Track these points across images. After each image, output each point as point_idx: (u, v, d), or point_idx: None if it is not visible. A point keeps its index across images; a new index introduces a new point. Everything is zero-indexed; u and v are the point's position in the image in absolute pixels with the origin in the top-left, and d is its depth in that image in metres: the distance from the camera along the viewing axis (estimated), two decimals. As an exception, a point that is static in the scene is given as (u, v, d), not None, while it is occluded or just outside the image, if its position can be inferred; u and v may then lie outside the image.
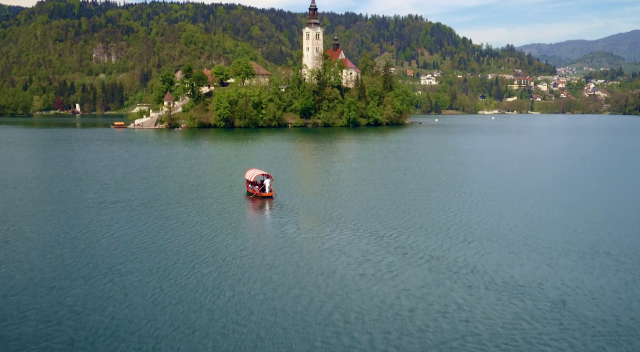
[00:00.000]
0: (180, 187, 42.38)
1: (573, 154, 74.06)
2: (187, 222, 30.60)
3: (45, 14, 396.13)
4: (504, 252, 25.10)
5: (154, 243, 26.46)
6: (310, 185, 44.85)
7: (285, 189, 41.59)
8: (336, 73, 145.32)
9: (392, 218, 31.77)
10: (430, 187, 42.53)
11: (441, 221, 31.21)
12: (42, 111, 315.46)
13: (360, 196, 39.09)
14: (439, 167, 55.80)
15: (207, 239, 27.16)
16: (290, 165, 57.82)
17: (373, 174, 50.57)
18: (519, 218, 31.96)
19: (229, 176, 49.16)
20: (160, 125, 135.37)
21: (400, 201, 37.00)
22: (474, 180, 46.90)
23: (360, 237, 27.54)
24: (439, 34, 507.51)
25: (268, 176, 39.53)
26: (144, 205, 35.51)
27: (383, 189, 41.98)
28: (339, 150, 77.38)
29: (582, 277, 21.63)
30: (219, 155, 68.61)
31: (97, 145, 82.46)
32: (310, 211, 33.99)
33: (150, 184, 43.86)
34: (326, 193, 40.22)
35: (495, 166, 57.81)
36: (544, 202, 37.07)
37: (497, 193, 40.09)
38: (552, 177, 49.86)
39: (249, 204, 36.79)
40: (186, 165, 56.80)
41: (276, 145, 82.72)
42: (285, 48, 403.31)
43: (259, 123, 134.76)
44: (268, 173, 40.55)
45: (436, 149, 79.40)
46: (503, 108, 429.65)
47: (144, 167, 54.98)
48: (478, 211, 34.02)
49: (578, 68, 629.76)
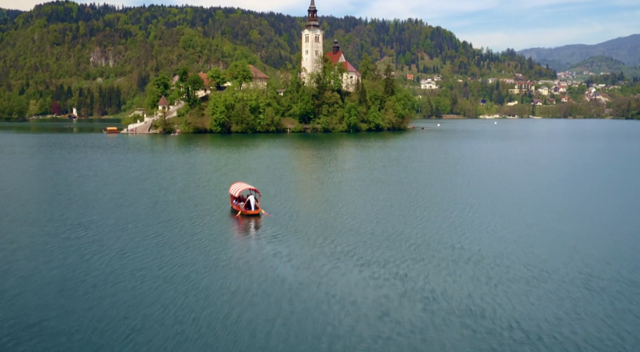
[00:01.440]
0: (154, 205, 37.23)
1: (590, 165, 69.57)
2: (151, 252, 25.49)
3: (43, 17, 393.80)
4: (533, 298, 20.63)
5: (107, 282, 21.98)
6: (303, 200, 39.95)
7: (275, 205, 36.92)
8: (336, 77, 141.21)
9: (394, 243, 27.14)
10: (437, 205, 37.57)
11: (448, 248, 26.65)
12: (39, 115, 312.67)
13: (358, 214, 34.32)
14: (445, 179, 50.87)
15: (172, 276, 22.33)
16: (284, 176, 52.72)
17: (374, 187, 45.68)
18: (545, 254, 27.47)
19: (214, 189, 44.06)
20: (155, 130, 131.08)
21: (403, 222, 32.15)
22: (487, 196, 42.10)
23: (358, 269, 23.02)
24: (439, 38, 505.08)
25: (255, 190, 35.22)
26: (106, 227, 30.53)
27: (385, 206, 37.14)
28: (338, 158, 72.77)
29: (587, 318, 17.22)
30: (207, 164, 63.72)
31: (81, 153, 77.63)
32: (302, 233, 29.29)
33: (120, 201, 38.65)
34: (321, 211, 35.41)
35: (510, 180, 53.10)
36: (568, 233, 32.56)
37: (517, 218, 35.00)
38: (575, 195, 45.39)
39: (232, 224, 32.05)
40: (168, 177, 51.67)
41: (271, 153, 78.12)
42: (284, 52, 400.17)
43: (256, 128, 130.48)
44: (255, 187, 36.08)
45: (441, 157, 74.55)
46: (504, 112, 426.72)
47: (120, 179, 49.94)
48: (492, 238, 29.41)
49: (578, 72, 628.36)
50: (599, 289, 20.85)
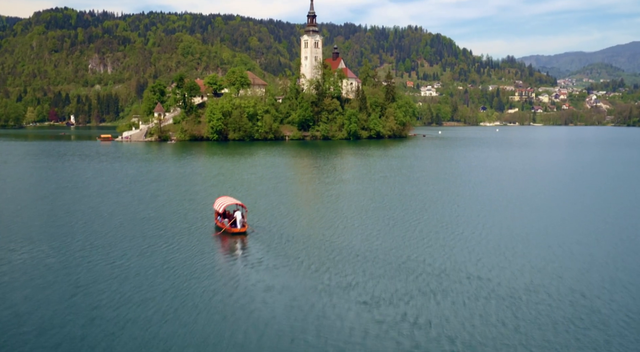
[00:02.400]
0: (128, 223, 33.31)
1: (600, 175, 66.08)
2: (111, 285, 21.77)
3: (42, 24, 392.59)
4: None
5: (68, 313, 18.35)
6: (297, 216, 35.72)
7: (266, 222, 33.30)
8: (336, 83, 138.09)
9: (399, 272, 23.50)
10: (445, 223, 33.76)
11: (464, 279, 23.00)
12: (36, 122, 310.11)
13: (358, 234, 30.53)
14: (451, 192, 46.97)
15: (132, 319, 18.95)
16: (277, 188, 48.26)
17: (374, 201, 41.77)
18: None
19: (199, 203, 40.09)
20: (150, 138, 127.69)
21: (408, 244, 28.45)
22: (499, 212, 38.40)
23: (358, 309, 19.45)
24: (438, 45, 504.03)
25: (242, 206, 31.69)
26: (69, 251, 26.89)
27: (386, 224, 33.34)
28: (337, 168, 69.03)
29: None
30: (197, 174, 59.86)
31: (67, 162, 73.87)
32: (294, 257, 25.70)
33: (92, 217, 34.67)
34: (317, 229, 31.68)
35: (523, 193, 49.31)
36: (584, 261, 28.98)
37: (539, 240, 31.46)
38: (602, 213, 41.80)
39: (215, 243, 28.52)
40: (152, 189, 47.73)
41: (266, 162, 74.39)
42: (283, 59, 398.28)
43: (254, 136, 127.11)
44: (241, 202, 32.46)
45: (445, 167, 70.74)
46: (505, 120, 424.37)
47: (100, 192, 46.08)
48: (516, 266, 25.72)
49: (578, 80, 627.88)
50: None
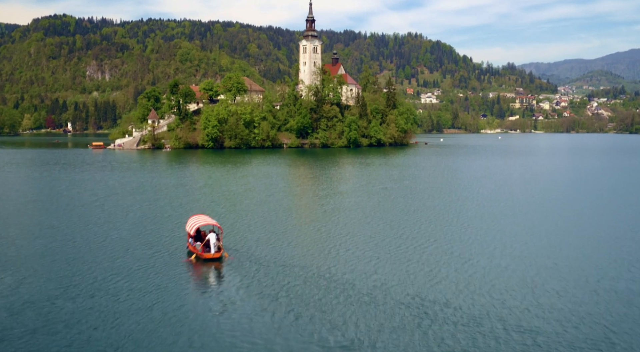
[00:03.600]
0: (91, 243, 29.01)
1: (620, 186, 62.10)
2: (59, 330, 17.82)
3: (41, 31, 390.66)
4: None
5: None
6: (284, 238, 30.93)
7: (246, 244, 28.77)
8: (335, 89, 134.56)
9: (395, 315, 19.45)
10: (455, 247, 29.15)
11: (479, 325, 19.00)
12: (33, 130, 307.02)
13: (353, 261, 25.81)
14: (459, 208, 42.03)
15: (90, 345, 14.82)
16: (266, 203, 43.35)
17: (372, 219, 36.71)
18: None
19: (174, 222, 35.07)
20: (143, 145, 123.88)
21: (409, 276, 23.79)
22: (514, 235, 34.12)
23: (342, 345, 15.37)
24: (438, 52, 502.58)
25: (217, 226, 27.47)
26: (20, 275, 23.02)
27: (387, 249, 28.41)
28: (334, 178, 64.59)
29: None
30: (182, 186, 55.07)
31: (45, 172, 69.49)
32: (270, 291, 21.28)
33: (49, 237, 30.42)
34: (304, 255, 27.03)
35: (540, 210, 45.03)
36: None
37: (565, 272, 27.52)
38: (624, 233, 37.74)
39: (182, 272, 23.99)
40: (127, 203, 42.88)
41: (259, 172, 69.95)
42: (283, 66, 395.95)
43: (250, 143, 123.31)
44: (216, 222, 28.11)
45: (450, 178, 66.20)
46: (506, 127, 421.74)
47: (67, 206, 41.35)
48: (537, 307, 21.75)
49: (578, 87, 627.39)
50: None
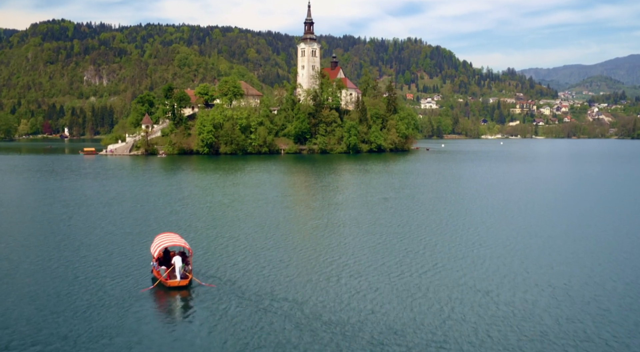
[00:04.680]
0: (47, 263, 25.19)
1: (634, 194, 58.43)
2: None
3: (39, 36, 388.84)
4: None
5: None
6: (268, 259, 26.84)
7: (221, 268, 24.78)
8: (334, 93, 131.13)
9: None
10: (466, 272, 25.54)
11: None
12: (29, 135, 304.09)
13: (342, 293, 21.75)
14: (467, 223, 38.08)
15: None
16: (252, 217, 39.06)
17: (369, 237, 32.45)
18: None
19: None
20: (136, 151, 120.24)
21: (412, 310, 20.17)
22: (526, 254, 30.80)
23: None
24: (438, 57, 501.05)
25: (186, 248, 23.45)
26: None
27: (383, 274, 24.47)
28: (331, 187, 60.56)
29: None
30: (164, 195, 50.79)
31: (24, 179, 65.81)
32: (248, 325, 17.88)
33: (6, 252, 27.11)
34: (291, 281, 23.16)
35: (559, 223, 41.50)
36: None
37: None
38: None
39: (144, 306, 20.10)
40: (98, 216, 38.79)
41: (251, 180, 66.15)
42: (282, 71, 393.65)
43: (247, 149, 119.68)
44: (184, 242, 24.02)
45: (455, 187, 61.94)
46: (506, 132, 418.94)
47: (33, 219, 37.45)
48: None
49: (577, 92, 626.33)
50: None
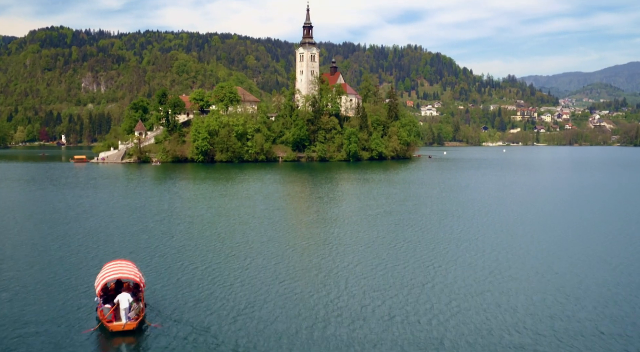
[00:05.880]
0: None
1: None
2: None
3: (37, 43, 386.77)
4: None
5: None
6: (245, 292, 22.22)
7: (188, 305, 20.10)
8: (334, 99, 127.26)
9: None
10: (479, 307, 21.42)
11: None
12: (26, 142, 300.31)
13: (330, 339, 17.36)
14: (478, 242, 33.48)
15: None
16: (234, 235, 34.17)
17: (365, 263, 27.72)
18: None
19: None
20: (129, 159, 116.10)
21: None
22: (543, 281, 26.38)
23: None
24: (438, 64, 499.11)
25: (135, 281, 18.77)
26: None
27: (380, 316, 19.72)
28: (327, 199, 55.75)
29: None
30: (140, 208, 46.20)
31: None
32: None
33: None
34: (270, 324, 18.60)
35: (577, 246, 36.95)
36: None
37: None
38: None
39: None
40: (56, 234, 33.97)
41: (243, 190, 61.66)
42: (281, 78, 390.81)
43: (243, 157, 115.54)
44: (134, 274, 19.09)
45: (461, 199, 56.55)
46: (507, 139, 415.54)
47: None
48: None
49: (578, 99, 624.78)
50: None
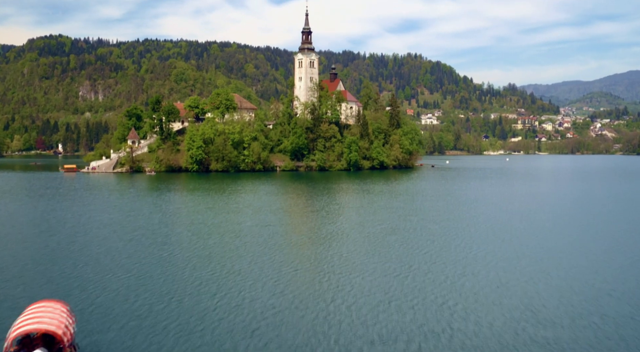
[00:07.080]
0: None
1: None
2: None
3: (35, 51, 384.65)
4: None
5: None
6: (215, 339, 17.90)
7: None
8: (334, 107, 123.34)
9: None
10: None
11: None
12: (22, 151, 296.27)
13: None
14: (494, 266, 29.52)
15: None
16: (211, 260, 29.46)
17: (361, 293, 23.20)
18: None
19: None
20: (120, 168, 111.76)
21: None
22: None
23: None
24: (439, 72, 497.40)
25: (54, 334, 13.83)
26: None
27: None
28: (323, 212, 50.80)
29: None
30: (112, 225, 41.42)
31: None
32: None
33: None
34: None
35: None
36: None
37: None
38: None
39: None
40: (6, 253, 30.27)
41: (233, 203, 57.07)
42: (280, 86, 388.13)
43: (240, 166, 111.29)
44: (62, 322, 14.42)
45: (470, 214, 51.30)
46: (508, 148, 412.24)
47: None
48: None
49: (578, 108, 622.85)
50: None
